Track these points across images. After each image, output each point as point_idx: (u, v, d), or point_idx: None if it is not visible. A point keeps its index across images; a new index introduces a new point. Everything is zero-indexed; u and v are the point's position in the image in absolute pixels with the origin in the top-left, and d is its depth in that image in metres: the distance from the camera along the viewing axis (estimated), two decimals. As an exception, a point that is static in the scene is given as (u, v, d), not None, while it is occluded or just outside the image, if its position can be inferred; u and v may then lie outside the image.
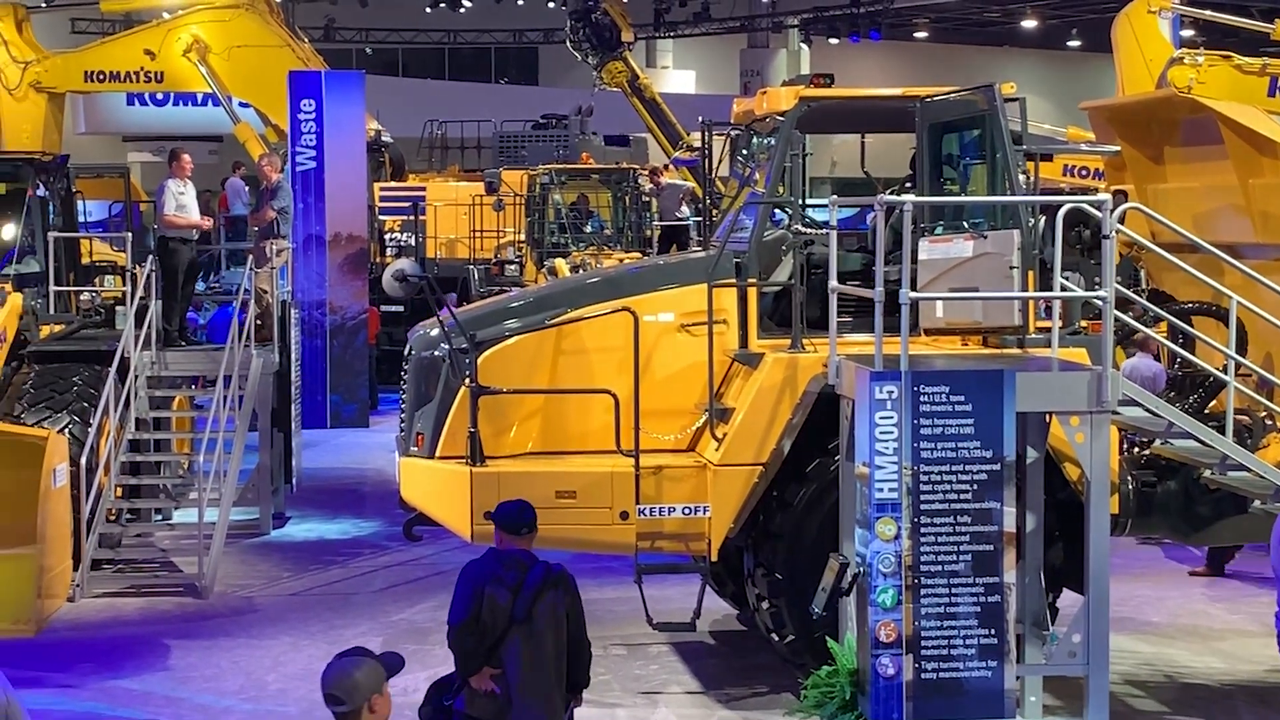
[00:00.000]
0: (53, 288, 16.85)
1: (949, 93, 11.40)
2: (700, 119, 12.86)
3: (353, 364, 23.37)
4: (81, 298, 17.58)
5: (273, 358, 17.18)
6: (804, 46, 49.70)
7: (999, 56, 53.61)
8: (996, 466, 9.05)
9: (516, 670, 7.56)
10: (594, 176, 27.82)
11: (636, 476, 10.72)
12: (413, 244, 28.91)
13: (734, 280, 11.09)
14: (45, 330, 16.57)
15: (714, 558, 10.98)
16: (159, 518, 16.57)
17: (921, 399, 8.98)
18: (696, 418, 11.13)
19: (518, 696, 7.57)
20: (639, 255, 24.16)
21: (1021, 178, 10.77)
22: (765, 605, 10.88)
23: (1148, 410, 9.81)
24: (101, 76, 28.76)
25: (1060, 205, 9.87)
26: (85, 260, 19.39)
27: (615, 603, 13.43)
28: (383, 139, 30.90)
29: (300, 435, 19.07)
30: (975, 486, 9.04)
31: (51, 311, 16.84)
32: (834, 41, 48.50)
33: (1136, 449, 11.65)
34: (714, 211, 12.98)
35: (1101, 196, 10.10)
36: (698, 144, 14.39)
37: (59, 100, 29.18)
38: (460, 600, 7.62)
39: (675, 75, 50.81)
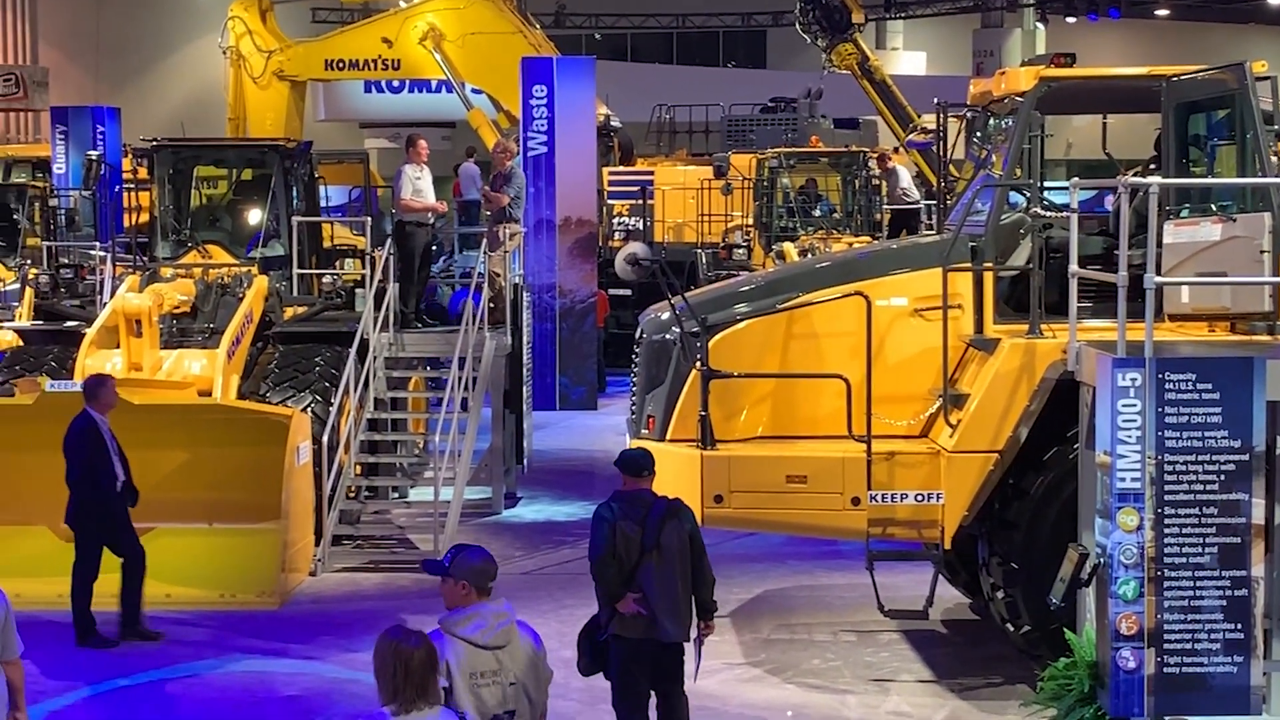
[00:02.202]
0: (296, 271, 17.34)
1: (1196, 71, 11.04)
2: (935, 100, 12.68)
3: (581, 347, 23.62)
4: (323, 280, 18.04)
5: (505, 340, 17.45)
6: (1040, 26, 48.68)
7: (1243, 34, 51.79)
8: (1245, 457, 8.75)
9: (653, 590, 8.63)
10: (823, 160, 27.61)
11: (869, 462, 10.62)
12: (641, 228, 29.10)
13: (969, 264, 10.91)
14: (289, 312, 17.08)
15: (947, 545, 10.84)
16: (396, 495, 16.97)
17: (1167, 386, 8.72)
18: (930, 403, 10.99)
19: (658, 613, 8.63)
20: (869, 239, 23.94)
21: (1274, 159, 10.38)
22: (1000, 595, 10.70)
23: None
24: (341, 65, 29.58)
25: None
26: (327, 244, 19.94)
27: (845, 589, 13.36)
28: (612, 124, 31.16)
29: (531, 417, 19.33)
30: (1222, 477, 8.76)
31: (295, 294, 17.34)
32: (1071, 20, 47.40)
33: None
34: (948, 195, 12.78)
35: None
36: (931, 126, 14.18)
37: (300, 88, 30.08)
38: (597, 538, 8.66)
39: (906, 57, 50.19)
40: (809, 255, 22.59)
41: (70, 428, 12.10)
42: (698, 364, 10.89)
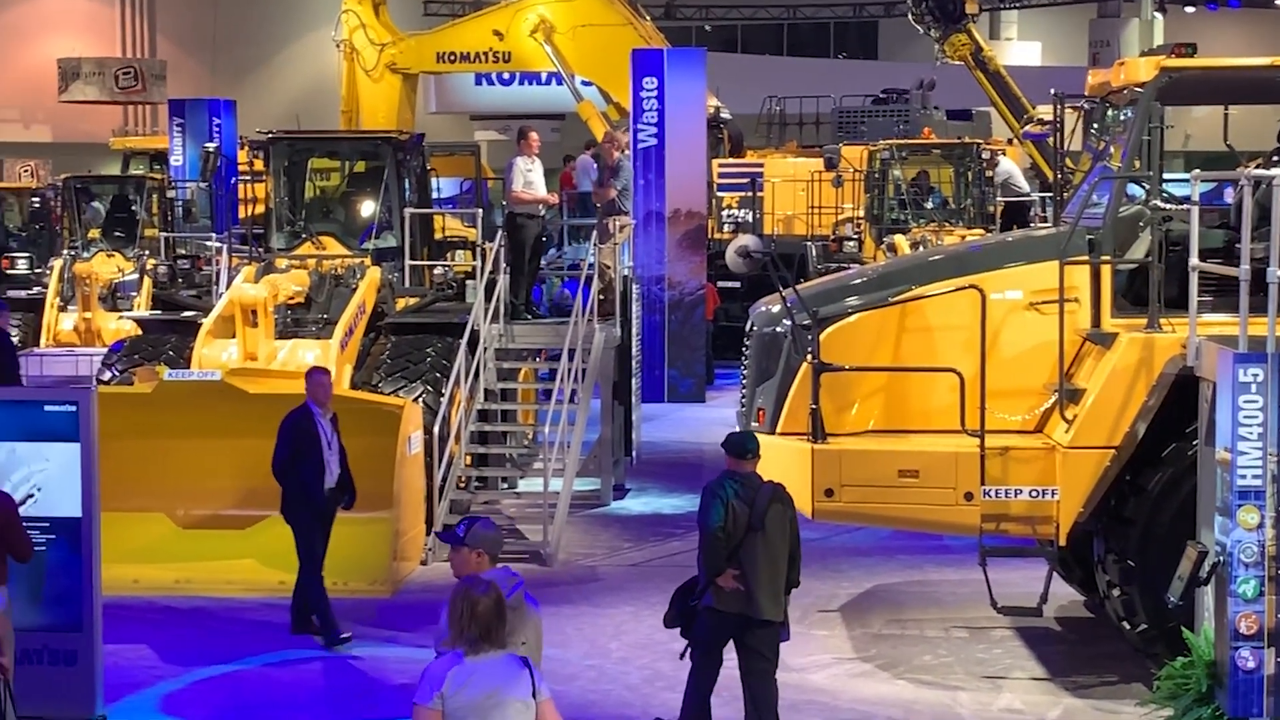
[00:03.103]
0: (408, 262, 17.45)
1: (1322, 60, 10.79)
2: (1052, 91, 12.49)
3: (690, 339, 23.60)
4: (434, 272, 18.15)
5: (615, 332, 17.46)
6: (1158, 15, 47.89)
7: (1368, 22, 50.67)
8: (1370, 454, 8.56)
9: (754, 568, 8.96)
10: (935, 152, 27.36)
11: (982, 457, 10.50)
12: (750, 220, 29.03)
13: (1087, 257, 10.75)
14: (401, 303, 17.21)
15: (1062, 542, 10.70)
16: (505, 486, 17.05)
17: (1290, 383, 8.55)
18: (1045, 398, 10.84)
19: (756, 591, 8.95)
20: (981, 232, 23.70)
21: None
22: (1116, 593, 10.54)
23: None
24: (452, 57, 29.78)
25: None
26: (438, 235, 20.06)
27: (956, 584, 13.24)
28: (722, 115, 31.08)
29: (640, 409, 19.34)
30: (1346, 475, 8.57)
31: (407, 285, 17.46)
32: (1190, 10, 46.60)
33: None
34: (1065, 187, 12.61)
35: None
36: (1047, 117, 13.99)
37: (412, 81, 30.33)
38: (710, 512, 9.01)
39: (1020, 47, 49.62)
40: (921, 248, 22.43)
41: (285, 417, 12.02)
42: (809, 357, 10.82)
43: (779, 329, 11.30)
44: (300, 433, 11.85)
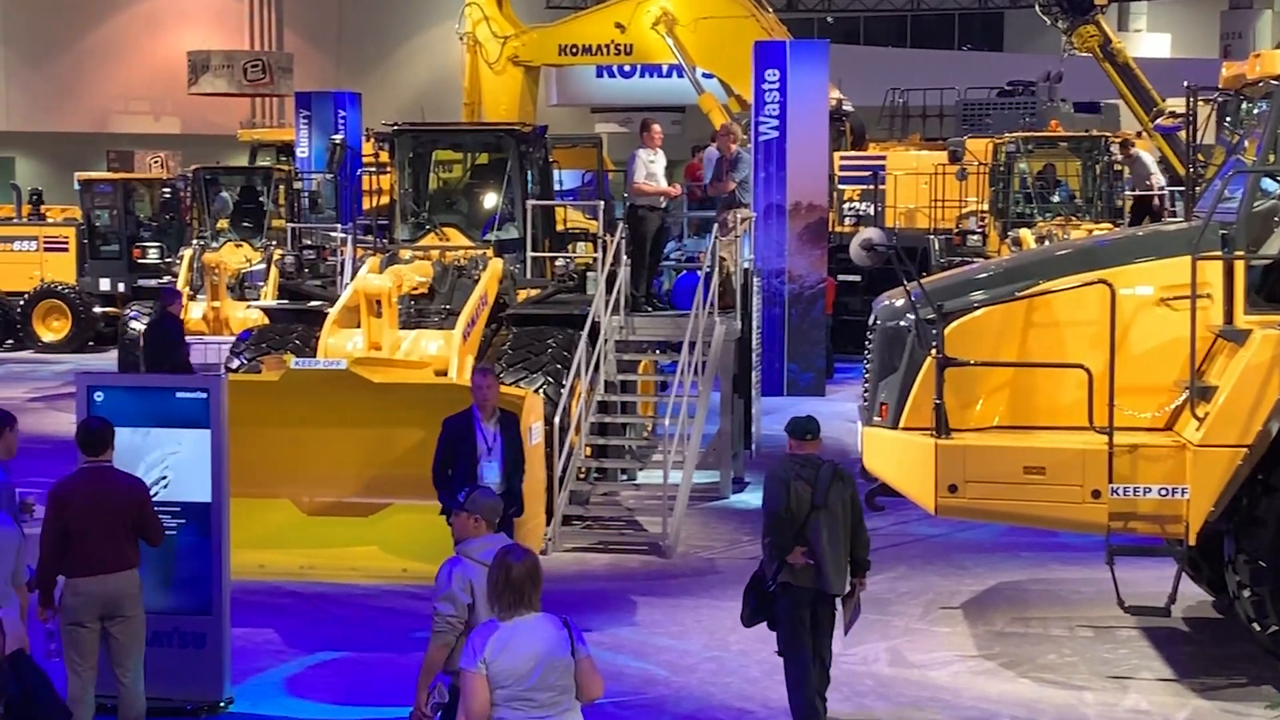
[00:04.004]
0: (530, 253, 17.55)
1: None
2: (1185, 84, 12.25)
3: (810, 333, 23.49)
4: (556, 264, 18.23)
5: (735, 325, 17.43)
6: (1291, 6, 46.94)
7: None
8: None
9: (820, 544, 9.35)
10: (1062, 145, 27.00)
11: (1110, 454, 10.33)
12: (872, 213, 28.83)
13: (1220, 253, 10.54)
14: (522, 294, 17.30)
15: (1192, 542, 10.50)
16: (624, 478, 17.09)
17: None
18: (1175, 395, 10.64)
19: (823, 565, 9.36)
20: (1109, 226, 23.34)
21: None
22: (1247, 593, 10.33)
23: None
24: (574, 50, 29.83)
25: None
26: (560, 227, 20.15)
27: (1080, 583, 13.06)
28: (844, 108, 30.90)
29: (760, 402, 19.28)
30: None
31: (528, 276, 17.56)
32: (1324, 0, 45.62)
33: None
34: (1197, 182, 12.37)
35: None
36: (1178, 110, 13.74)
37: (534, 73, 30.44)
38: (774, 494, 9.44)
39: (1149, 39, 48.79)
40: (1046, 242, 22.14)
41: (445, 419, 11.46)
42: (933, 351, 10.72)
43: (903, 323, 11.18)
44: (454, 437, 11.28)
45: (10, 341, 30.78)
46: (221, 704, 10.20)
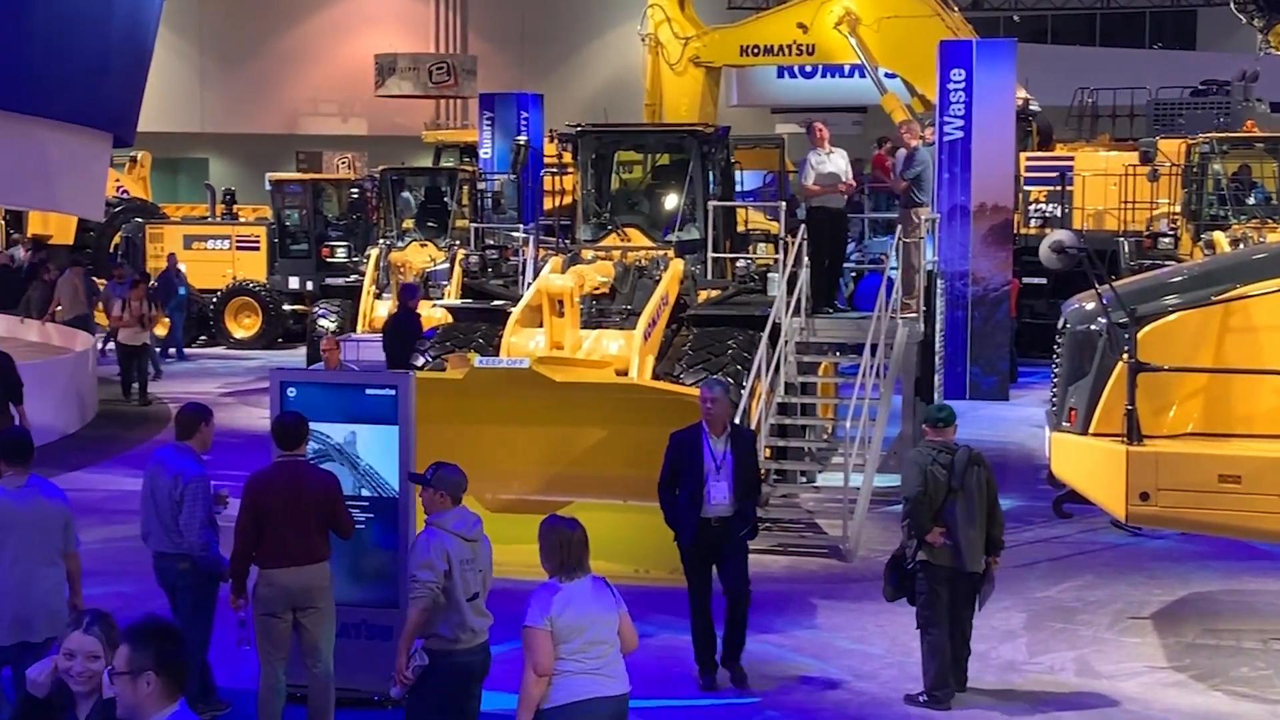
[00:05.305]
0: (710, 254, 17.54)
1: None
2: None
3: (994, 336, 23.14)
4: (737, 264, 18.21)
5: (918, 327, 17.24)
6: None
7: None
8: None
9: (956, 524, 10.05)
10: (1259, 145, 26.23)
11: (1311, 464, 10.02)
12: (1058, 215, 28.32)
13: None
14: (703, 295, 17.31)
15: (1396, 556, 10.15)
16: (804, 480, 17.00)
17: None
18: (1381, 404, 10.29)
19: (960, 544, 10.04)
20: (1309, 229, 22.66)
21: None
22: None
23: None
24: (756, 50, 29.79)
25: None
26: (741, 228, 20.11)
27: (1276, 595, 12.81)
28: (1030, 108, 30.40)
29: (942, 405, 19.04)
30: None
31: (709, 277, 17.56)
32: None
33: None
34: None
35: None
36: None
37: (715, 74, 30.46)
38: (913, 479, 10.15)
39: (1349, 36, 47.24)
40: (1242, 245, 21.56)
41: (673, 433, 11.03)
42: (1125, 356, 10.48)
43: (1094, 327, 10.97)
44: (681, 454, 10.75)
45: (203, 337, 31.65)
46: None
